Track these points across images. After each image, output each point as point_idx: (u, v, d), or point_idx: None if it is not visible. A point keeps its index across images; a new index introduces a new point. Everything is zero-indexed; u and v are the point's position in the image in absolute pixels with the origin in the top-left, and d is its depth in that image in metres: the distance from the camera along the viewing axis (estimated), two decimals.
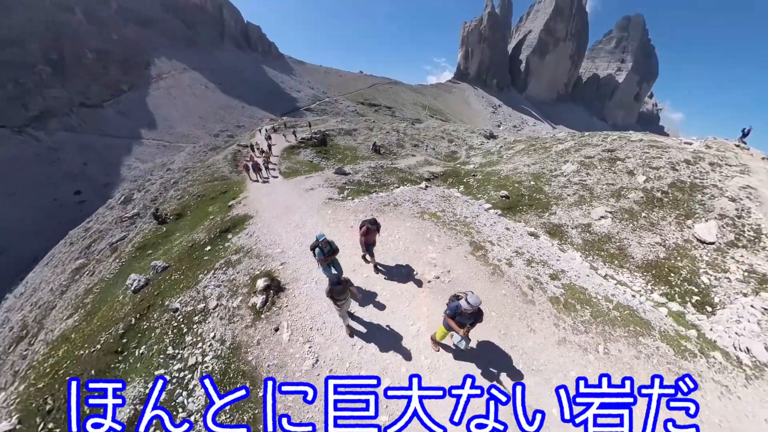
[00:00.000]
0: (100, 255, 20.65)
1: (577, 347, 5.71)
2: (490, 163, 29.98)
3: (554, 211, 13.47)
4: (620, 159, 15.68)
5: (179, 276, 8.56)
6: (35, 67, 61.52)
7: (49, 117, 58.08)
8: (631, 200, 12.41)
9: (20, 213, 44.30)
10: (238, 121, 78.60)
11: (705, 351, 5.83)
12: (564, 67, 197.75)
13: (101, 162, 55.42)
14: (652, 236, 10.64)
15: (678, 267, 9.33)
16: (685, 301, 8.31)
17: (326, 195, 13.50)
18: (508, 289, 6.91)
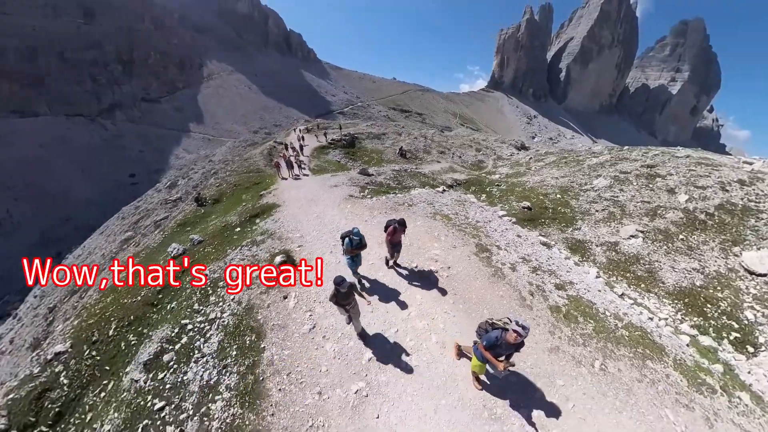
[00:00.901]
0: (145, 230, 23.16)
1: (570, 358, 5.49)
2: (517, 174, 29.13)
3: (579, 226, 12.55)
4: (660, 176, 14.57)
5: (211, 249, 9.81)
6: (109, 66, 69.60)
7: (117, 109, 65.74)
8: (668, 220, 11.41)
9: (87, 188, 50.94)
10: (275, 120, 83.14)
11: (729, 389, 5.30)
12: (608, 76, 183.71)
13: (154, 150, 61.87)
14: (689, 261, 9.64)
15: (717, 298, 8.30)
16: (720, 337, 7.36)
17: (348, 192, 14.38)
18: (506, 292, 6.97)
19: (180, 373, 5.53)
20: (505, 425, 4.30)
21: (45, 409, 6.06)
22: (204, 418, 4.72)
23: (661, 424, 4.58)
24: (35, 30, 61.57)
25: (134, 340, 7.04)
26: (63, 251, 34.19)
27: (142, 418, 5.07)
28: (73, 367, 6.69)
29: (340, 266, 7.82)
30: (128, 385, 5.72)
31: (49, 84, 61.25)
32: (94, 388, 6.28)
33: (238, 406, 4.76)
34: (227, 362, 5.49)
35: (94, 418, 5.69)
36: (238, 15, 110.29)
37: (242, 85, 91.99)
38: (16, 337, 22.78)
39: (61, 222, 45.33)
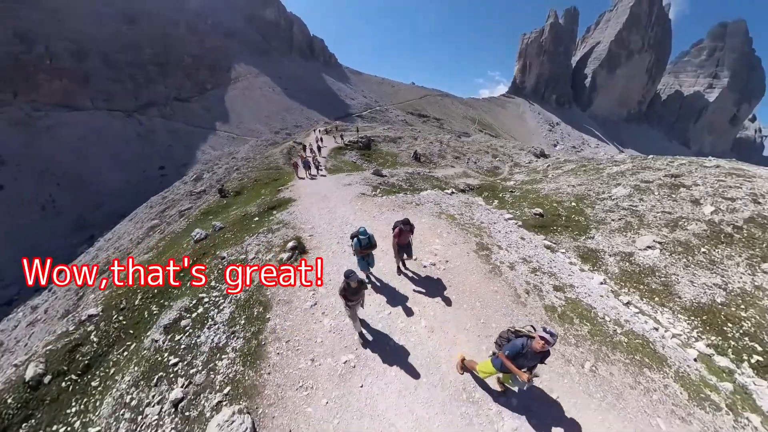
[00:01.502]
0: (170, 219, 24.73)
1: (559, 355, 5.39)
2: (533, 181, 28.25)
3: (592, 235, 12.18)
4: (685, 186, 13.85)
5: (230, 235, 10.59)
6: (146, 67, 74.39)
7: (151, 106, 70.23)
8: (690, 232, 10.75)
9: (120, 177, 54.84)
10: (296, 121, 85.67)
11: (737, 409, 4.96)
12: (638, 82, 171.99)
13: (182, 145, 65.68)
14: (711, 276, 9.01)
15: (739, 317, 7.73)
16: (740, 359, 6.87)
17: (360, 191, 14.94)
18: (501, 288, 6.96)
19: (194, 336, 6.21)
20: (482, 409, 4.42)
21: (76, 361, 6.90)
22: (210, 372, 5.34)
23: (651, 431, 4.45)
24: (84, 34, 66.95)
25: (156, 310, 7.82)
26: (96, 234, 37.00)
27: (158, 371, 5.74)
28: (103, 328, 7.54)
29: (345, 255, 8.30)
30: (149, 345, 6.45)
31: (93, 82, 66.29)
32: (118, 348, 7.08)
33: (241, 364, 5.37)
34: (235, 329, 6.11)
35: (116, 372, 6.46)
36: (266, 21, 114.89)
37: (267, 87, 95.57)
38: (50, 308, 24.87)
39: (95, 208, 48.98)
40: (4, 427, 6.03)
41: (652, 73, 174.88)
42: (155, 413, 4.97)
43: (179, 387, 5.23)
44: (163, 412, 4.95)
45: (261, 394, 4.81)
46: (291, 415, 4.49)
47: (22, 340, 24.35)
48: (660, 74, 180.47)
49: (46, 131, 57.01)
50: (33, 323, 25.65)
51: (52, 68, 61.92)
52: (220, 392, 4.91)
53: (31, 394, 6.45)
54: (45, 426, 5.99)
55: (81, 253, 32.11)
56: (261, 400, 4.73)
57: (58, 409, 6.23)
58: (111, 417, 5.37)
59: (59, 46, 63.54)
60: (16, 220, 45.07)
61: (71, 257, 33.03)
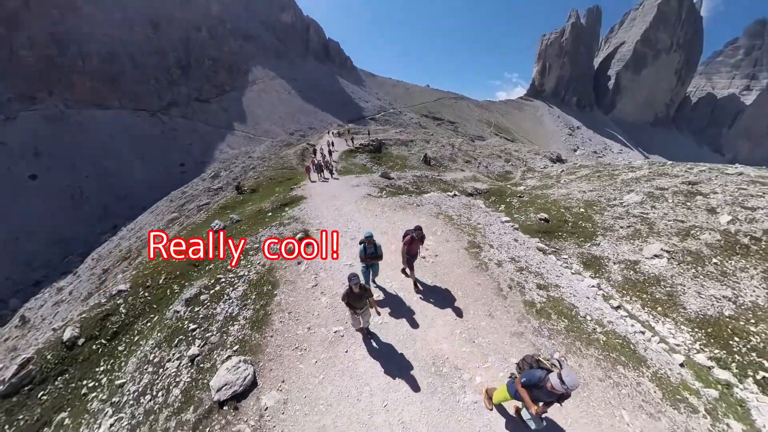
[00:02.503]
0: (188, 213, 26.26)
1: (530, 344, 5.67)
2: (544, 186, 27.49)
3: (598, 242, 11.97)
4: (702, 194, 13.42)
5: (246, 227, 11.61)
6: (170, 70, 78.51)
7: (173, 106, 74.13)
8: (702, 242, 10.42)
9: (143, 172, 58.30)
10: (311, 123, 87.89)
11: (717, 415, 4.99)
12: (666, 84, 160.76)
13: (202, 144, 69.15)
14: (721, 288, 8.77)
15: (748, 331, 7.51)
16: (744, 375, 6.68)
17: (367, 192, 15.84)
18: (485, 281, 7.33)
19: (211, 308, 7.17)
20: (446, 381, 4.95)
21: (106, 328, 7.95)
22: (223, 334, 6.30)
23: (612, 421, 4.59)
24: (114, 39, 71.55)
25: (177, 289, 8.82)
26: (119, 224, 39.54)
27: (178, 334, 6.71)
28: (130, 302, 8.60)
29: (346, 247, 9.11)
30: (171, 315, 7.42)
31: (121, 83, 70.59)
32: (143, 319, 8.10)
33: (249, 328, 6.31)
34: (247, 302, 7.05)
35: (141, 338, 7.45)
36: (283, 24, 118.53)
37: (283, 89, 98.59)
38: (75, 290, 26.73)
39: (119, 200, 52.22)
40: (43, 378, 7.10)
41: (682, 74, 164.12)
42: (174, 366, 5.90)
43: (196, 346, 6.18)
44: (181, 365, 5.91)
45: (263, 351, 5.75)
46: (285, 369, 5.40)
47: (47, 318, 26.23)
48: (690, 75, 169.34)
49: (78, 127, 61.18)
50: (58, 303, 27.60)
51: (84, 70, 66.45)
52: (230, 349, 5.83)
53: (67, 353, 7.52)
54: (77, 380, 7.01)
55: (104, 241, 34.40)
56: (263, 356, 5.65)
57: (89, 367, 7.25)
58: (135, 371, 6.32)
59: (91, 50, 68.19)
60: (47, 207, 48.73)
61: (95, 244, 35.38)
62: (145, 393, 5.68)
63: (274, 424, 4.60)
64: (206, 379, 5.40)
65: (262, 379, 5.21)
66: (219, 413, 4.80)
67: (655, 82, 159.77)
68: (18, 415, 6.46)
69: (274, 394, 4.97)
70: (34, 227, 46.42)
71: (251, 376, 5.11)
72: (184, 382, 5.52)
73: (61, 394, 6.78)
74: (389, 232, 9.71)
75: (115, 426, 5.27)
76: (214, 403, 4.92)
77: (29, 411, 6.53)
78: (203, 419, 4.78)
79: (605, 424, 4.52)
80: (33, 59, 60.92)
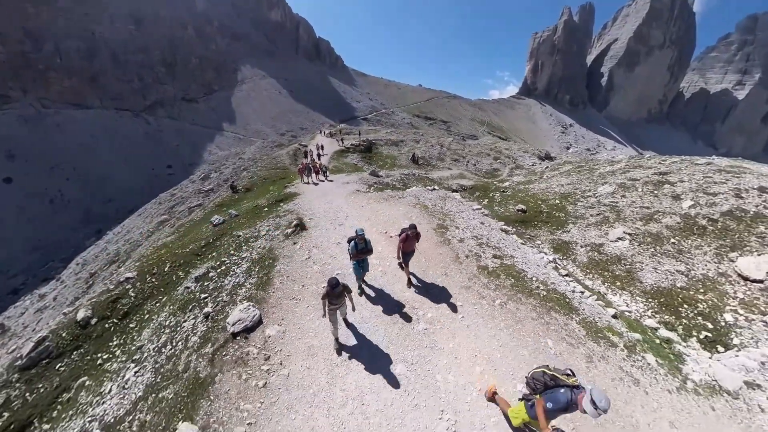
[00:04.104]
0: (179, 215, 27.07)
1: (476, 294, 7.09)
2: (528, 182, 29.13)
3: (569, 229, 13.27)
4: (670, 183, 14.69)
5: (245, 221, 12.86)
6: (154, 68, 78.46)
7: (159, 106, 74.13)
8: (663, 225, 11.56)
9: (129, 175, 58.21)
10: (302, 124, 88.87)
11: (636, 350, 5.92)
12: (659, 80, 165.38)
13: (190, 145, 69.36)
14: (675, 264, 9.84)
15: (696, 299, 8.48)
16: (689, 335, 7.54)
17: (356, 188, 17.46)
18: (445, 252, 8.86)
19: (219, 281, 8.52)
20: (405, 316, 6.63)
21: (116, 310, 9.01)
22: (233, 296, 7.71)
23: (537, 345, 5.85)
24: (93, 34, 71.20)
25: (182, 275, 9.92)
26: (103, 228, 39.75)
27: (191, 303, 8.00)
28: (138, 287, 9.67)
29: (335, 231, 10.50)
30: (182, 291, 8.64)
31: (102, 81, 70.20)
32: (152, 301, 9.18)
33: (254, 288, 7.78)
34: (252, 273, 8.47)
35: (152, 315, 8.56)
36: (272, 23, 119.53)
37: (273, 89, 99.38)
38: (59, 296, 27.09)
39: (104, 203, 52.15)
40: (60, 353, 8.12)
41: (675, 70, 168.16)
42: (191, 324, 7.25)
43: (209, 307, 7.52)
44: (197, 322, 7.27)
45: (267, 302, 7.30)
46: (284, 312, 7.03)
47: (30, 325, 26.46)
48: (683, 71, 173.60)
49: (56, 128, 60.65)
50: (41, 310, 27.86)
51: (62, 67, 65.93)
52: (240, 304, 7.15)
53: (81, 331, 8.56)
54: (92, 354, 8.06)
55: (89, 246, 34.63)
56: (266, 305, 7.21)
57: (103, 342, 8.31)
58: (152, 336, 7.52)
59: (69, 45, 67.70)
60: (24, 212, 48.29)
61: (79, 249, 35.58)
62: (165, 345, 6.94)
63: (275, 345, 6.18)
64: (220, 325, 6.77)
65: (267, 318, 6.81)
66: (233, 342, 6.29)
67: (649, 79, 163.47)
68: (37, 384, 7.46)
69: (276, 327, 6.57)
70: (9, 233, 45.98)
71: (258, 316, 6.71)
72: (201, 331, 6.88)
73: (78, 365, 7.78)
74: (372, 219, 11.47)
75: (140, 372, 6.38)
76: (229, 336, 6.38)
77: (48, 380, 7.53)
78: (220, 348, 6.20)
79: (531, 346, 5.90)
80: (5, 55, 60.22)
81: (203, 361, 6.00)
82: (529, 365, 5.42)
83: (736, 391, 5.41)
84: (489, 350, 5.82)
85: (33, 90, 62.26)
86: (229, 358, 5.94)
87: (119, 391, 6.28)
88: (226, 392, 5.31)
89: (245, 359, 5.86)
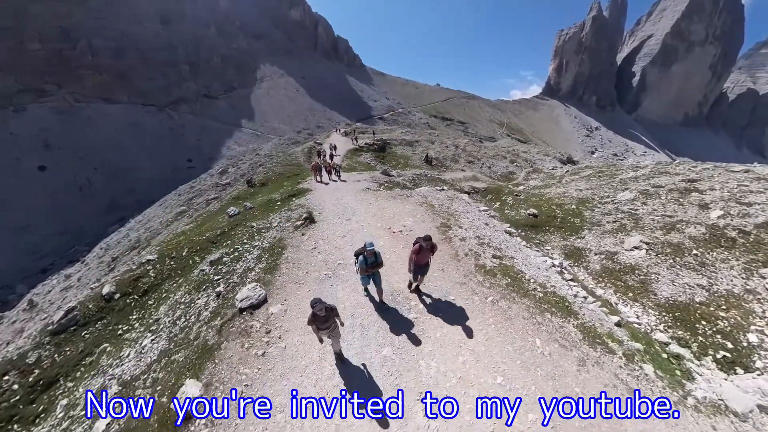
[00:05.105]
0: (197, 206, 28.56)
1: (469, 290, 7.32)
2: (545, 186, 27.88)
3: (583, 235, 12.89)
4: (699, 190, 13.92)
5: (258, 213, 13.85)
6: (178, 66, 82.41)
7: (182, 102, 77.88)
8: (686, 235, 10.97)
9: (152, 167, 61.64)
10: (318, 122, 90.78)
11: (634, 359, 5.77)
12: (699, 80, 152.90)
13: (210, 140, 72.57)
14: (696, 277, 9.27)
15: (716, 316, 7.95)
16: (704, 353, 7.07)
17: (366, 186, 18.03)
18: (445, 249, 9.15)
19: (232, 265, 9.43)
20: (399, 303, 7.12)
21: (137, 287, 10.00)
22: (243, 278, 8.51)
23: (524, 343, 5.89)
24: (122, 33, 75.60)
25: (199, 260, 10.85)
26: (126, 216, 42.42)
27: (205, 283, 8.90)
28: (158, 268, 10.65)
29: (342, 224, 11.10)
30: (197, 273, 9.55)
31: (130, 78, 74.46)
32: (170, 281, 10.14)
33: (263, 272, 8.53)
34: (261, 260, 9.28)
35: (169, 293, 9.46)
36: (291, 22, 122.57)
37: (290, 87, 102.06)
38: (83, 277, 29.11)
39: (127, 193, 55.46)
40: (86, 321, 9.12)
41: (718, 68, 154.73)
42: (203, 300, 8.12)
43: (221, 287, 8.36)
44: (209, 299, 8.13)
45: (273, 284, 8.05)
46: (287, 294, 7.79)
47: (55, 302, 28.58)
48: (728, 70, 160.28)
49: (87, 121, 64.92)
50: (66, 289, 30.01)
51: (93, 64, 70.52)
52: (248, 284, 7.92)
53: (105, 304, 9.57)
54: (113, 324, 9.03)
55: (112, 232, 37.00)
56: (272, 287, 7.96)
57: (124, 315, 9.27)
58: (168, 311, 8.42)
59: (100, 44, 72.33)
60: (55, 198, 52.07)
61: (102, 235, 38.09)
62: (179, 319, 7.84)
63: (276, 322, 6.92)
64: (230, 302, 7.56)
65: (271, 298, 7.61)
66: (239, 317, 7.07)
67: (687, 78, 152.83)
68: (65, 348, 8.46)
69: (278, 306, 7.34)
70: (41, 217, 49.67)
71: (264, 295, 7.49)
72: (212, 307, 7.73)
73: (101, 334, 8.77)
74: (378, 215, 12.06)
75: (156, 340, 7.22)
76: (236, 311, 7.15)
77: (74, 345, 8.52)
78: (227, 322, 6.98)
79: (517, 343, 6.03)
80: (42, 52, 65.03)
81: (212, 332, 6.78)
82: (513, 360, 5.63)
83: (746, 413, 5.04)
84: (474, 343, 6.02)
85: (67, 85, 66.88)
86: (234, 329, 6.71)
87: (136, 355, 7.14)
88: (229, 358, 6.03)
89: (249, 331, 6.62)
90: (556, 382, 5.25)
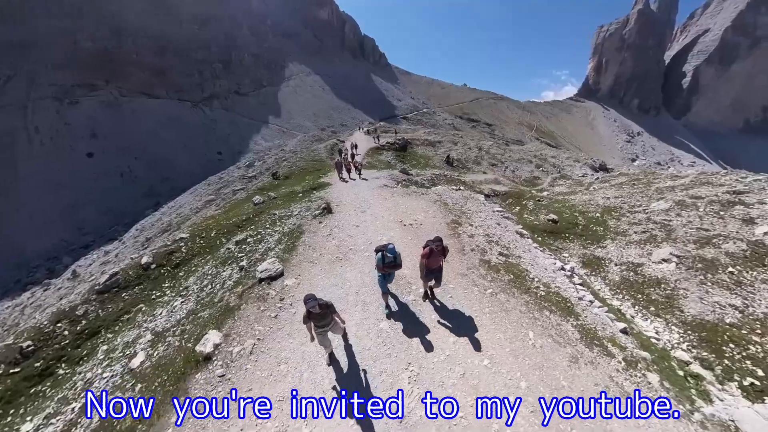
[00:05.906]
0: (224, 196, 30.59)
1: (470, 281, 7.59)
2: (571, 193, 25.31)
3: (605, 245, 12.28)
4: (744, 203, 12.93)
5: (281, 203, 15.12)
6: (212, 64, 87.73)
7: (214, 98, 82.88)
8: (722, 251, 10.27)
9: (185, 159, 66.34)
10: (342, 120, 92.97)
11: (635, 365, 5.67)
12: (764, 81, 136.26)
13: (239, 135, 76.97)
14: (729, 297, 8.70)
15: (748, 340, 7.45)
16: (729, 378, 6.66)
17: (384, 183, 18.71)
18: (452, 244, 9.30)
19: (254, 246, 10.56)
20: (401, 288, 7.55)
21: (171, 260, 11.30)
22: (264, 255, 9.56)
23: (516, 334, 6.08)
24: (163, 34, 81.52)
25: (225, 240, 12.13)
26: (161, 202, 46.26)
27: (230, 260, 10.06)
28: (189, 245, 11.96)
29: (356, 216, 11.93)
30: (223, 251, 10.78)
31: (168, 75, 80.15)
32: (199, 257, 11.39)
33: (282, 252, 9.59)
34: (281, 241, 10.36)
35: (198, 267, 10.64)
36: (320, 21, 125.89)
37: (317, 86, 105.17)
38: (120, 254, 31.93)
39: (162, 181, 60.14)
40: (126, 285, 10.48)
41: None
42: (228, 273, 9.24)
43: (244, 262, 9.45)
44: (233, 272, 9.26)
45: (290, 262, 9.04)
46: (302, 270, 8.74)
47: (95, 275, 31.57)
48: None
49: (131, 114, 70.68)
50: (105, 263, 33.06)
51: (137, 61, 76.63)
52: (268, 260, 8.95)
53: (143, 272, 10.89)
54: (149, 290, 10.31)
55: (147, 215, 40.29)
56: (289, 264, 8.95)
57: (158, 283, 10.54)
58: (197, 281, 9.55)
59: (144, 43, 78.38)
60: (99, 182, 57.47)
61: (138, 217, 41.59)
62: (206, 286, 9.09)
63: (290, 292, 7.89)
64: (251, 274, 8.64)
65: (287, 272, 8.62)
66: (258, 286, 8.14)
67: (749, 79, 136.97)
68: (107, 305, 9.82)
69: (293, 279, 8.33)
70: (87, 198, 54.89)
71: (281, 270, 8.52)
72: (235, 278, 8.87)
73: (138, 297, 10.09)
74: (391, 209, 12.77)
75: (185, 302, 8.39)
76: (256, 281, 8.22)
77: (115, 304, 9.87)
78: (248, 289, 8.05)
79: (509, 333, 6.24)
80: (94, 50, 71.53)
81: (233, 296, 7.86)
82: (502, 347, 5.86)
83: None
84: (467, 328, 6.30)
85: (113, 80, 73.08)
86: (253, 295, 7.77)
87: (168, 313, 8.37)
88: (246, 317, 7.09)
89: (265, 297, 7.66)
90: (543, 373, 5.39)
